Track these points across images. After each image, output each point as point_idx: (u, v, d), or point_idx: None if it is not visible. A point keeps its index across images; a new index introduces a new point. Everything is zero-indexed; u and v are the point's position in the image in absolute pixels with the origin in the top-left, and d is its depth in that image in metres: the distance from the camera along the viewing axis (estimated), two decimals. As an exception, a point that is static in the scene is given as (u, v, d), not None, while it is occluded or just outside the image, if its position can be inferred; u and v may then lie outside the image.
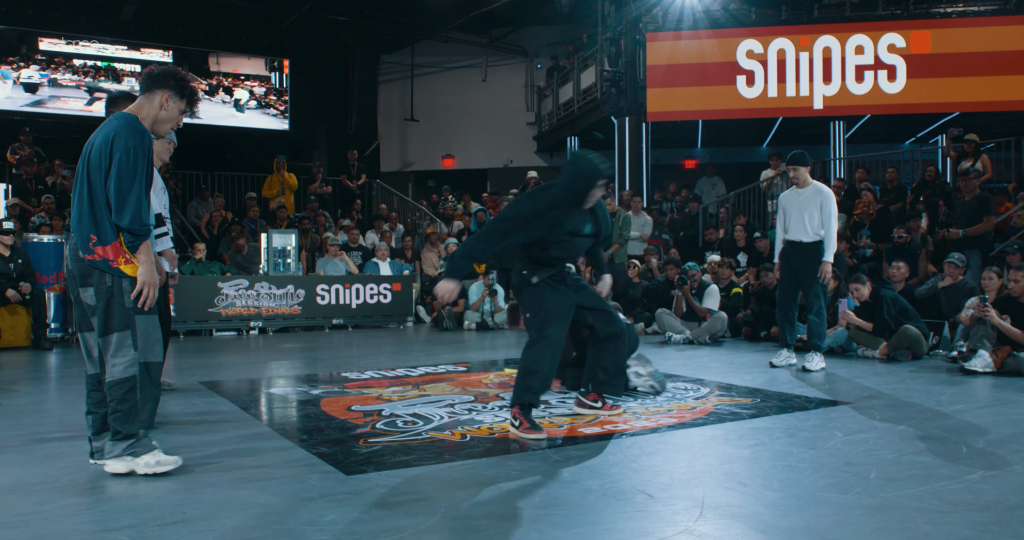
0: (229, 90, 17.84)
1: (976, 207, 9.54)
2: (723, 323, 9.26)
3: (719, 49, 14.33)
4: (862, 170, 13.01)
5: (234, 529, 2.85)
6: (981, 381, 6.22)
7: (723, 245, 12.32)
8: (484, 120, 19.70)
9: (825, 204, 6.91)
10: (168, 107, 3.70)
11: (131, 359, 3.52)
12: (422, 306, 12.64)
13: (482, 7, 17.23)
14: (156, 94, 3.68)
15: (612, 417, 4.76)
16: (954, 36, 13.70)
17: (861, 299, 7.81)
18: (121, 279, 3.52)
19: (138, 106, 3.69)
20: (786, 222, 7.13)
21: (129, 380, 3.50)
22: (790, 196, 7.16)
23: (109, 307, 3.51)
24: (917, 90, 13.72)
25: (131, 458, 3.53)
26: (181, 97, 3.73)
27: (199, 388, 6.17)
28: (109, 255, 3.49)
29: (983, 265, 8.73)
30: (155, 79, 3.69)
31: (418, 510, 3.04)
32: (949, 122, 14.54)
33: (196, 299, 10.52)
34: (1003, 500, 3.11)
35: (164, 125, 3.73)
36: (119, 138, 3.46)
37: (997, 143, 12.73)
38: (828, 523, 2.86)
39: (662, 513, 3.01)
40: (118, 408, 3.50)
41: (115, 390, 3.50)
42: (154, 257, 3.64)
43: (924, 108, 14.06)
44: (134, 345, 3.54)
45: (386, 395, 5.70)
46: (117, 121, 3.54)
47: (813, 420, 4.72)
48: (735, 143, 17.40)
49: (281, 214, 13.50)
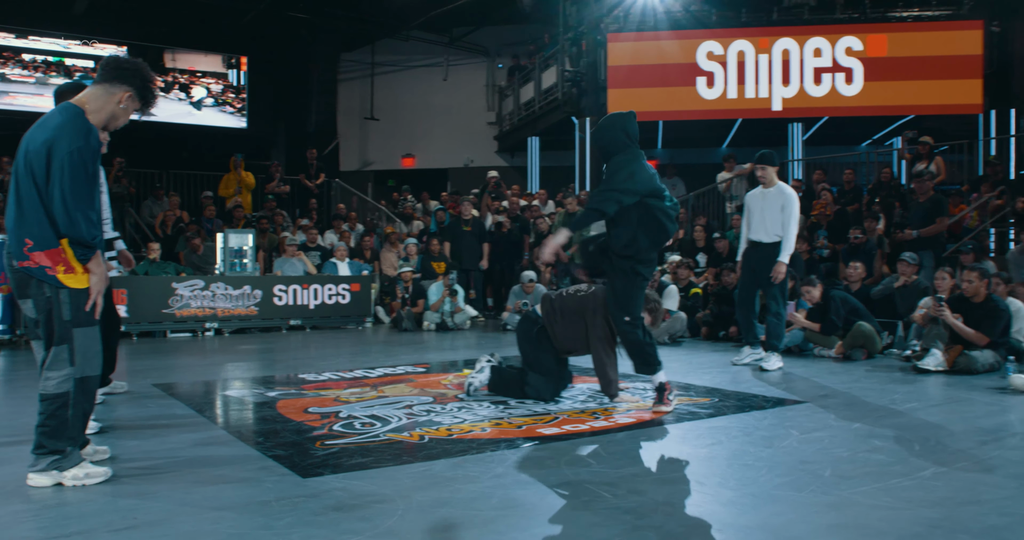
0: (185, 87, 17.58)
1: (929, 208, 9.74)
2: (682, 323, 9.36)
3: (680, 50, 14.48)
4: (820, 171, 13.24)
5: (187, 534, 2.83)
6: (933, 379, 6.35)
7: (683, 246, 12.39)
8: (445, 119, 19.71)
9: (787, 205, 6.97)
10: (126, 105, 3.49)
11: (65, 375, 3.38)
12: (381, 307, 12.57)
13: (443, 6, 17.22)
14: (117, 89, 3.45)
15: (571, 418, 4.78)
16: (909, 40, 13.98)
17: (813, 301, 7.94)
18: (59, 290, 3.33)
19: (90, 96, 3.44)
20: (750, 221, 7.21)
21: (61, 397, 3.37)
22: (755, 196, 7.24)
23: (49, 320, 3.37)
24: (873, 93, 13.99)
25: (57, 472, 3.42)
26: (140, 98, 3.53)
27: (153, 391, 6.07)
28: (45, 262, 3.27)
29: (936, 265, 8.89)
30: (120, 73, 3.46)
31: (375, 512, 3.03)
32: (904, 125, 14.86)
33: (150, 300, 10.34)
34: (953, 496, 3.18)
35: (116, 122, 3.52)
36: (62, 138, 3.23)
37: (950, 146, 13.02)
38: (784, 521, 2.91)
39: (620, 513, 3.02)
40: (46, 423, 3.38)
41: (46, 405, 3.38)
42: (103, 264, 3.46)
43: (880, 111, 14.34)
44: (70, 360, 3.38)
45: (344, 397, 5.67)
46: (60, 116, 3.31)
47: (770, 419, 4.79)
48: (695, 144, 17.61)
49: (238, 213, 13.34)
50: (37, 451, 3.41)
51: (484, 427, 4.58)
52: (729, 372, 6.89)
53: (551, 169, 17.81)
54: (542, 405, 5.20)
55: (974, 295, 6.79)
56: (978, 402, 5.35)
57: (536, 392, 5.34)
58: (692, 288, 10.23)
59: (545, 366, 5.40)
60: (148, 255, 11.15)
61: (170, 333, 10.57)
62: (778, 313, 7.07)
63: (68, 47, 16.28)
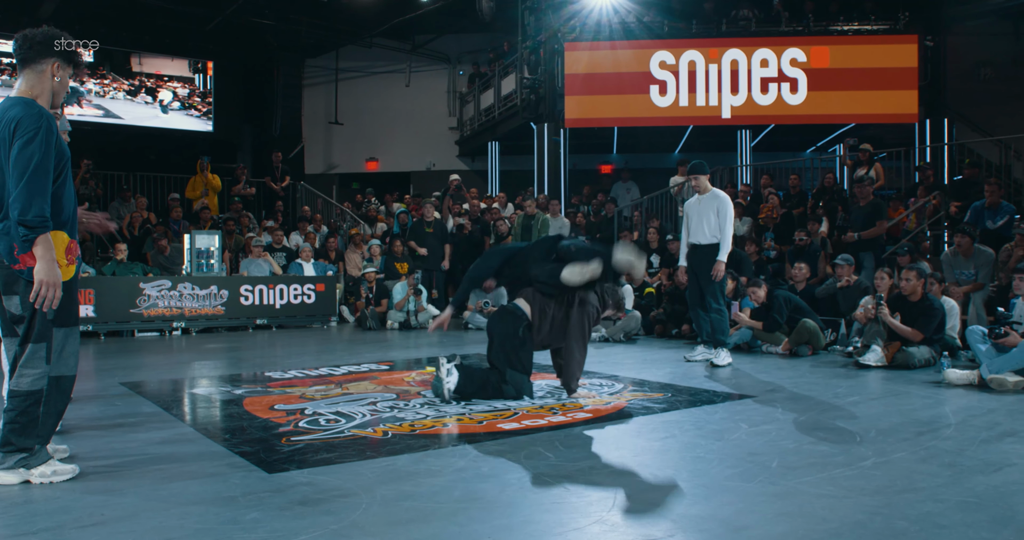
0: (152, 91, 17.60)
1: (869, 212, 10.05)
2: (637, 322, 9.67)
3: (634, 59, 14.86)
4: (766, 176, 13.60)
5: (154, 529, 2.82)
6: (874, 374, 6.56)
7: (637, 247, 12.71)
8: (407, 124, 19.86)
9: (721, 208, 7.33)
10: (59, 75, 3.43)
11: (40, 372, 3.36)
12: (346, 306, 12.77)
13: (406, 14, 17.45)
14: (43, 64, 3.39)
15: (530, 413, 4.88)
16: (850, 53, 14.53)
17: (759, 301, 8.22)
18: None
19: (28, 85, 3.39)
20: (689, 227, 7.60)
21: (34, 394, 3.35)
22: (692, 203, 7.63)
23: (32, 318, 3.36)
24: (817, 102, 14.49)
25: (24, 470, 3.39)
26: (68, 63, 3.46)
27: (120, 389, 6.07)
28: (32, 263, 3.28)
29: (876, 266, 9.21)
30: (39, 48, 3.38)
31: (340, 506, 3.06)
32: (846, 133, 15.36)
33: (117, 300, 10.45)
34: (892, 485, 3.30)
35: (58, 96, 3.50)
36: (19, 128, 3.21)
37: (889, 153, 13.53)
38: (734, 510, 2.98)
39: (577, 504, 3.10)
40: (17, 419, 3.33)
41: (17, 401, 3.33)
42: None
43: (823, 119, 14.84)
44: (47, 358, 3.38)
45: (309, 394, 5.70)
46: (16, 108, 3.27)
47: (721, 413, 4.91)
48: (649, 149, 17.93)
49: (205, 215, 13.46)
50: (4, 448, 3.36)
51: (446, 423, 4.62)
52: (682, 368, 7.05)
53: (510, 173, 18.05)
54: (502, 401, 5.25)
55: (911, 293, 7.00)
56: (915, 395, 5.51)
57: (516, 391, 5.31)
58: (646, 288, 10.52)
59: (525, 364, 5.36)
60: (115, 256, 11.22)
61: (138, 332, 10.65)
62: (719, 309, 7.37)
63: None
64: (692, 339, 9.04)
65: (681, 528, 2.81)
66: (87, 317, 10.19)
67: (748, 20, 15.06)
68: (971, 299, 8.39)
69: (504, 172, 18.22)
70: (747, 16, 15.08)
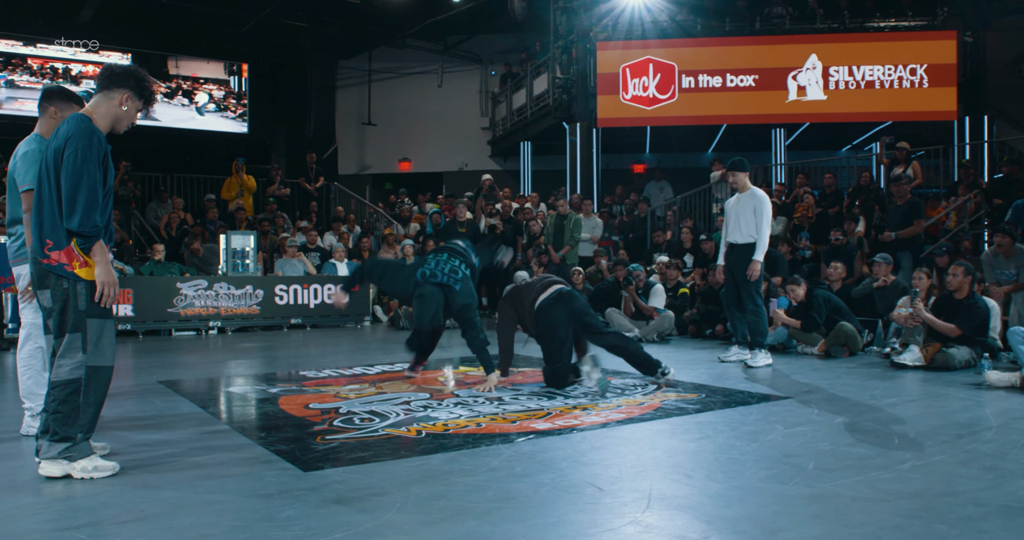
0: (188, 93, 17.85)
1: (907, 211, 9.93)
2: (670, 322, 9.59)
3: (666, 58, 14.79)
4: (802, 175, 13.41)
5: (192, 526, 2.86)
6: (912, 376, 6.45)
7: (670, 247, 12.64)
8: (440, 125, 19.96)
9: (759, 207, 7.22)
10: (127, 106, 3.69)
11: (78, 362, 3.47)
12: (379, 306, 12.83)
13: (438, 15, 17.53)
14: (115, 93, 3.66)
15: (563, 413, 4.89)
16: (886, 49, 14.34)
17: (797, 299, 8.12)
18: (76, 282, 3.49)
19: (94, 105, 3.66)
20: (727, 225, 7.51)
21: (73, 382, 3.46)
22: (731, 201, 7.55)
23: (64, 309, 3.50)
24: (853, 100, 14.32)
25: (67, 462, 3.49)
26: (139, 97, 3.72)
27: (158, 388, 6.13)
28: (64, 259, 3.47)
29: (914, 266, 9.09)
30: (115, 78, 3.67)
31: (374, 505, 3.07)
32: (882, 131, 15.20)
33: (155, 299, 10.59)
34: (931, 488, 3.25)
35: (121, 124, 3.72)
36: (70, 141, 3.45)
37: (927, 151, 13.32)
38: (769, 512, 2.95)
39: (611, 505, 3.08)
40: (59, 409, 3.45)
41: (57, 391, 3.46)
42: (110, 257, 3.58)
43: (859, 117, 14.69)
44: (83, 348, 3.49)
45: (343, 393, 5.73)
46: (68, 124, 3.53)
47: (755, 414, 4.86)
48: (682, 149, 17.88)
49: (240, 216, 13.58)
50: (51, 437, 3.48)
51: (479, 422, 4.63)
52: (716, 368, 6.98)
53: (542, 173, 18.07)
54: (535, 401, 5.32)
55: (957, 290, 6.87)
56: (954, 397, 5.42)
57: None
58: (680, 288, 10.45)
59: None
60: (153, 256, 11.36)
61: (175, 332, 10.78)
62: (756, 310, 7.26)
63: (74, 54, 16.48)
64: (726, 339, 8.97)
65: (716, 530, 2.79)
66: (126, 316, 10.34)
67: (782, 18, 14.92)
68: (1012, 299, 8.24)
69: (536, 172, 18.25)
70: (781, 14, 14.94)
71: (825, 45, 14.41)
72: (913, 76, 14.14)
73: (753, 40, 14.72)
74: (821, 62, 14.36)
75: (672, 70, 14.75)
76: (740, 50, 14.69)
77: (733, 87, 14.62)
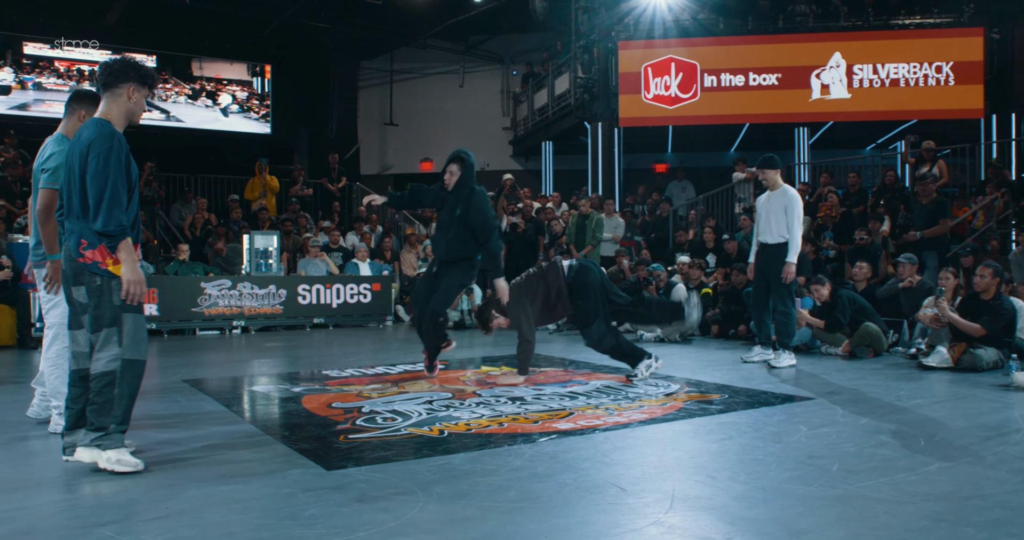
0: (212, 95, 18.00)
1: (933, 210, 9.86)
2: (693, 322, 9.57)
3: (688, 57, 14.73)
4: (826, 175, 13.34)
5: (216, 524, 2.88)
6: (938, 377, 6.39)
7: (692, 246, 12.59)
8: (461, 125, 19.97)
9: (789, 206, 7.09)
10: (135, 98, 3.79)
11: (114, 355, 3.60)
12: (401, 305, 12.89)
13: (459, 15, 17.55)
14: (120, 88, 3.75)
15: (585, 413, 4.88)
16: (911, 47, 14.20)
17: (821, 299, 8.05)
18: (110, 279, 3.62)
19: (106, 107, 3.76)
20: (758, 225, 7.40)
21: (108, 374, 3.59)
22: (762, 200, 7.44)
23: (99, 305, 3.62)
24: (877, 98, 14.19)
25: (97, 450, 3.59)
26: (143, 85, 3.81)
27: (183, 386, 6.19)
28: (97, 257, 3.61)
29: (940, 266, 9.02)
30: (115, 74, 3.75)
31: (397, 504, 3.08)
32: (907, 129, 15.05)
33: (180, 299, 10.70)
34: (958, 491, 3.21)
35: (136, 116, 3.83)
36: (92, 146, 3.57)
37: (952, 149, 13.18)
38: (793, 514, 2.94)
39: (633, 506, 3.07)
40: (95, 400, 3.59)
41: (94, 383, 3.60)
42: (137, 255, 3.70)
43: (883, 115, 14.55)
44: (119, 341, 3.62)
45: (366, 392, 5.75)
46: (88, 129, 3.65)
47: (779, 415, 4.83)
48: (704, 148, 17.80)
49: (263, 216, 13.70)
50: (89, 427, 3.63)
51: (501, 422, 4.63)
52: (738, 369, 6.96)
53: (564, 172, 18.05)
54: (557, 401, 5.31)
55: (984, 291, 6.81)
56: (982, 399, 5.36)
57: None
58: (703, 288, 10.40)
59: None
60: (177, 256, 11.49)
61: (199, 331, 10.90)
62: (786, 312, 7.16)
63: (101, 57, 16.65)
64: (749, 340, 8.94)
65: (739, 531, 2.77)
66: (151, 315, 10.44)
67: (805, 16, 14.81)
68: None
69: (558, 172, 18.24)
70: (804, 12, 14.83)
71: (849, 43, 14.28)
72: (939, 74, 14.00)
73: (776, 38, 14.63)
74: (845, 60, 14.24)
75: (694, 69, 14.68)
76: (763, 49, 14.59)
77: (756, 86, 14.52)
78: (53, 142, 4.34)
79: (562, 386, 5.96)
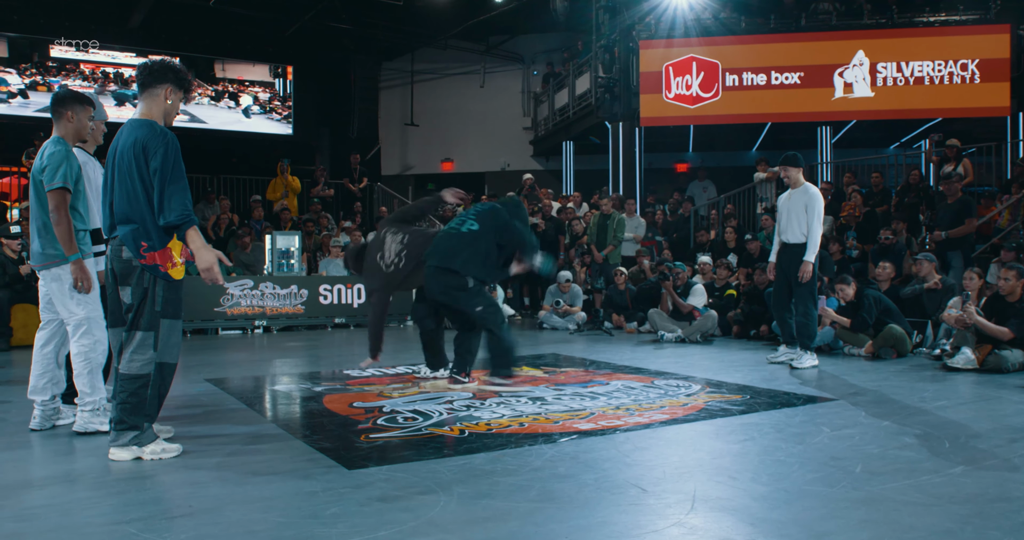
0: (234, 96, 18.14)
1: (958, 210, 9.75)
2: (713, 322, 9.49)
3: (709, 56, 14.65)
4: (849, 174, 13.26)
5: (239, 522, 2.91)
6: (963, 378, 6.34)
7: (714, 246, 12.56)
8: (482, 125, 20.03)
9: (810, 205, 7.03)
10: (172, 99, 3.92)
11: (149, 358, 3.75)
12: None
13: (480, 15, 17.59)
14: (158, 89, 3.88)
15: (606, 414, 4.87)
16: (936, 44, 14.02)
17: (846, 299, 7.98)
18: (156, 283, 3.77)
19: (146, 107, 3.88)
20: (780, 223, 7.34)
21: (143, 377, 3.74)
22: (784, 198, 7.38)
23: (141, 307, 3.76)
24: (901, 96, 14.03)
25: (136, 447, 3.76)
26: (180, 88, 3.95)
27: (206, 386, 6.24)
28: (158, 260, 3.76)
29: (965, 266, 8.92)
30: (155, 75, 3.88)
31: (418, 504, 3.10)
32: (931, 127, 14.87)
33: (202, 298, 10.70)
34: (983, 493, 3.18)
35: (170, 117, 3.96)
36: (148, 146, 3.70)
37: (978, 148, 13.03)
38: (815, 516, 2.92)
39: (655, 506, 3.08)
40: (128, 400, 3.73)
41: (128, 383, 3.72)
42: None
43: (907, 114, 14.39)
44: (154, 346, 3.76)
45: (387, 392, 5.78)
46: (139, 131, 3.76)
47: (801, 416, 4.81)
48: (725, 147, 17.71)
49: (285, 216, 13.75)
50: (118, 426, 3.76)
51: (522, 422, 4.63)
52: (760, 370, 6.92)
53: (585, 172, 18.00)
54: (578, 401, 5.30)
55: (1009, 294, 6.76)
56: (1007, 400, 5.32)
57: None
58: (727, 289, 10.32)
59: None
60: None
61: (221, 330, 10.95)
62: (807, 312, 7.09)
63: (125, 59, 16.87)
64: (771, 340, 8.88)
65: (761, 532, 2.76)
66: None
67: (829, 14, 14.70)
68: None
69: (578, 172, 18.20)
70: (827, 10, 14.72)
71: (873, 41, 14.13)
72: (964, 71, 13.82)
73: (798, 37, 14.50)
74: (868, 58, 14.09)
75: (716, 68, 14.59)
76: (785, 47, 14.47)
77: (778, 85, 14.41)
78: (51, 143, 4.38)
79: (583, 386, 5.95)
